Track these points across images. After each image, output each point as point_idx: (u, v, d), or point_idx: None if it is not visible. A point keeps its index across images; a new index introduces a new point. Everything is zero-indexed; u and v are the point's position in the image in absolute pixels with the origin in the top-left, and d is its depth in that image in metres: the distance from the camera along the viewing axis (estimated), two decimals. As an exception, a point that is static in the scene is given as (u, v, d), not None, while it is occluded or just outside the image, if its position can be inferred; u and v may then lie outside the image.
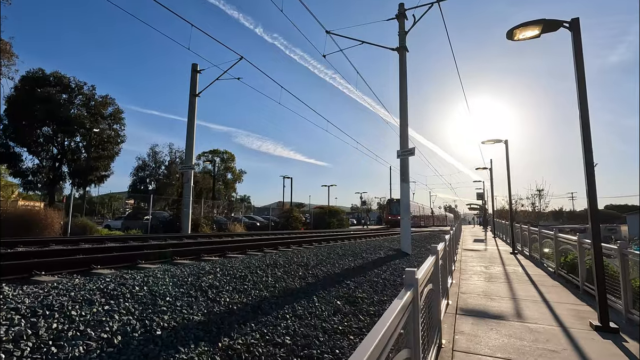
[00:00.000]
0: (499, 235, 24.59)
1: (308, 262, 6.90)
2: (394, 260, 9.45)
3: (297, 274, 5.83)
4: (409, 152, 11.44)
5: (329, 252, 8.70)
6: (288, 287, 5.05)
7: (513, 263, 11.33)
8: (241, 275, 5.12)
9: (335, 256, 8.22)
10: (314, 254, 8.03)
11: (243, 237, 15.16)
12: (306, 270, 6.23)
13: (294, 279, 5.46)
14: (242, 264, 5.91)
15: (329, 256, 8.04)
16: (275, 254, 7.44)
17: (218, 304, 3.90)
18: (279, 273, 5.62)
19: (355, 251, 9.60)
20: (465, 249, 15.47)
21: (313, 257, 7.56)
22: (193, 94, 18.09)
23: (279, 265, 6.19)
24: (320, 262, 7.13)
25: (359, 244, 12.12)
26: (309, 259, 7.21)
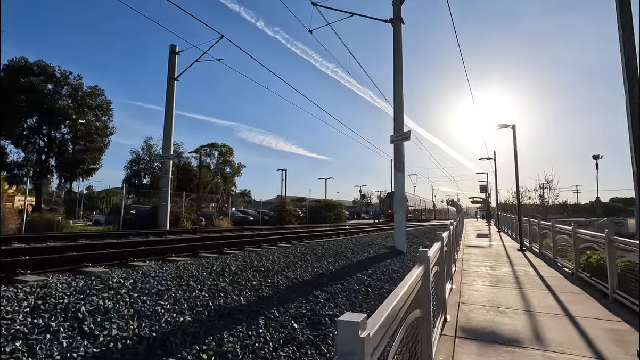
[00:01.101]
0: (503, 230, 23.22)
1: (272, 266, 5.57)
2: (384, 260, 8.12)
3: (250, 284, 4.51)
4: (404, 137, 10.06)
5: (306, 251, 7.37)
6: (226, 305, 3.73)
7: (522, 262, 9.99)
8: (162, 290, 3.79)
9: (312, 257, 6.89)
10: (285, 255, 6.70)
11: (222, 233, 13.96)
12: (264, 278, 4.91)
13: (240, 293, 4.14)
14: (177, 271, 4.60)
15: (303, 257, 6.71)
16: (233, 256, 6.13)
17: (91, 343, 2.54)
18: (222, 284, 4.29)
19: (340, 250, 8.28)
20: (467, 245, 14.14)
21: (281, 260, 6.23)
22: (171, 77, 16.70)
23: (229, 272, 4.86)
24: (289, 266, 5.80)
25: (348, 240, 10.81)
26: (274, 263, 5.88)
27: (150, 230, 13.95)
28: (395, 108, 10.48)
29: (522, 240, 12.77)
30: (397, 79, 10.27)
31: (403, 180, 10.21)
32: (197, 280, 4.31)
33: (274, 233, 13.23)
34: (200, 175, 60.71)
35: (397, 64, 10.28)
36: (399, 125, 10.32)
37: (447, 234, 6.10)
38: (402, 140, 10.16)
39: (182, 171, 57.71)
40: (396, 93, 10.32)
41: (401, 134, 10.18)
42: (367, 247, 9.40)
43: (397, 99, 10.40)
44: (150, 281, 4.13)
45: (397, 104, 10.37)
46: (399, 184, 10.21)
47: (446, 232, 5.98)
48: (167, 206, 16.02)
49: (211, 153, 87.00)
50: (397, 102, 10.40)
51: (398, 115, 10.32)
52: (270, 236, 11.31)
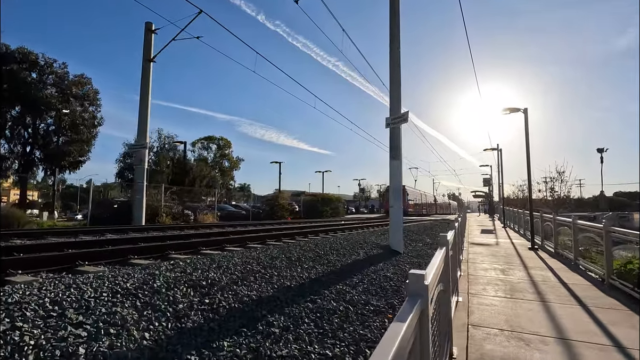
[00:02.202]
0: (509, 225, 21.86)
1: (220, 278, 4.22)
2: (376, 263, 6.78)
3: (173, 308, 3.19)
4: (401, 119, 8.65)
5: (278, 254, 6.03)
6: (111, 351, 2.38)
7: (537, 264, 8.64)
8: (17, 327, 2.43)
9: (283, 262, 5.54)
10: (247, 261, 5.33)
11: (197, 230, 12.70)
12: (201, 298, 3.56)
13: (149, 325, 2.81)
14: (78, 290, 3.26)
15: (271, 263, 5.35)
16: (174, 264, 4.76)
17: None
18: (124, 312, 2.96)
19: (323, 251, 6.93)
20: (472, 243, 12.80)
21: (238, 268, 4.88)
22: (147, 59, 15.25)
23: (148, 290, 3.51)
24: (245, 278, 4.45)
25: (336, 238, 9.47)
26: (226, 272, 4.51)
27: (118, 226, 12.63)
28: (391, 84, 9.04)
29: (533, 238, 11.41)
30: (393, 48, 8.82)
31: (400, 169, 8.82)
32: (84, 308, 2.96)
33: (251, 230, 11.96)
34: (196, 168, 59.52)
35: (394, 29, 8.81)
36: (396, 105, 8.91)
37: (453, 234, 4.74)
38: (398, 123, 8.75)
39: (177, 165, 56.51)
40: (392, 67, 8.89)
41: (398, 115, 8.77)
42: (357, 247, 8.06)
43: (393, 74, 8.97)
44: (39, 304, 2.82)
45: (393, 79, 8.94)
46: (395, 174, 8.83)
47: (451, 232, 4.63)
48: (142, 199, 14.69)
49: (208, 146, 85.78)
50: (393, 78, 8.97)
51: (395, 93, 8.89)
52: (245, 234, 10.03)
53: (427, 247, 11.16)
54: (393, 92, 9.04)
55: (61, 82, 31.30)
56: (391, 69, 9.16)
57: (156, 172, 52.87)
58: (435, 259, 2.74)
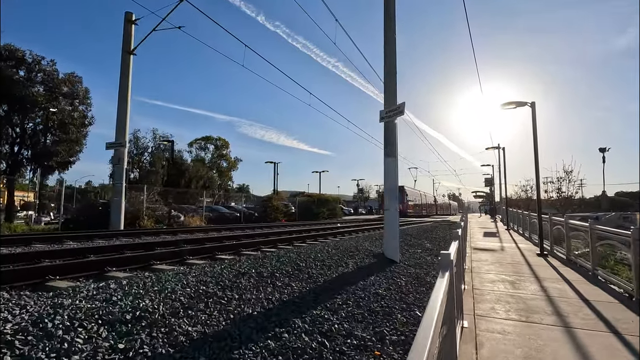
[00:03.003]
0: (513, 227, 20.90)
1: (154, 308, 3.22)
2: (366, 277, 5.84)
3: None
4: (396, 112, 7.73)
5: (248, 269, 5.06)
6: None
7: (550, 274, 7.70)
8: None
9: (249, 280, 4.54)
10: (201, 281, 4.31)
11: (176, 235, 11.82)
12: (113, 341, 2.64)
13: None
14: None
15: (234, 283, 4.37)
16: (104, 287, 3.77)
17: None
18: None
19: (305, 262, 5.98)
20: (475, 248, 11.85)
21: (187, 292, 3.89)
22: (126, 51, 14.32)
23: (40, 334, 2.57)
24: (192, 306, 3.47)
25: (324, 245, 8.54)
26: (166, 299, 3.53)
27: (86, 231, 11.65)
28: (386, 74, 8.12)
29: (542, 243, 10.47)
30: (388, 34, 7.89)
31: (395, 167, 7.89)
32: None
33: (232, 237, 11.04)
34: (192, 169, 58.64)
35: (390, 9, 7.85)
36: (391, 97, 7.98)
37: (456, 248, 3.80)
38: (394, 116, 7.81)
39: (173, 165, 55.66)
40: (387, 54, 7.96)
41: (393, 108, 7.84)
42: (347, 256, 7.13)
43: (388, 63, 8.04)
44: None
45: (388, 69, 8.02)
46: (390, 173, 7.90)
47: (454, 246, 3.69)
48: (120, 202, 13.75)
49: (206, 147, 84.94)
50: (388, 67, 8.05)
51: (389, 84, 7.97)
52: (220, 242, 9.11)
53: (427, 253, 10.23)
54: (388, 82, 8.12)
55: (50, 80, 30.39)
56: (386, 57, 8.23)
57: (151, 173, 52.01)
58: (435, 301, 1.80)
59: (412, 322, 4.37)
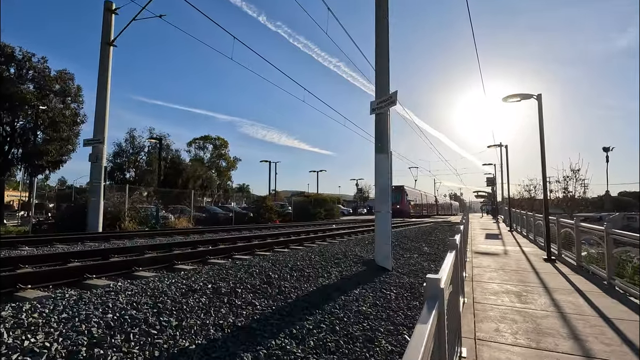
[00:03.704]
0: (516, 229, 20.05)
1: (50, 348, 2.45)
2: (349, 290, 5.04)
3: None
4: (388, 102, 6.93)
5: (200, 285, 4.24)
6: None
7: (560, 283, 6.89)
8: None
9: (199, 300, 3.70)
10: (135, 303, 3.52)
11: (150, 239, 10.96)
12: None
13: None
14: None
15: (178, 304, 3.57)
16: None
17: None
18: None
19: (280, 273, 5.19)
20: (476, 252, 11.04)
21: (107, 319, 3.09)
22: (106, 42, 13.56)
23: None
24: (102, 340, 2.68)
25: (308, 252, 7.73)
26: (73, 333, 2.72)
27: (55, 235, 10.79)
28: (377, 62, 7.30)
29: (549, 247, 9.65)
30: (379, 17, 7.08)
31: (388, 165, 7.09)
32: None
33: (208, 241, 10.23)
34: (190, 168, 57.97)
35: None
36: (383, 86, 7.18)
37: (452, 262, 3.00)
38: (386, 107, 7.01)
39: (170, 165, 55.00)
40: (379, 40, 7.16)
41: (384, 98, 7.04)
42: (332, 264, 6.34)
43: (380, 49, 7.24)
44: None
45: (380, 56, 7.22)
46: (382, 170, 7.10)
47: (449, 260, 2.91)
48: (98, 202, 12.98)
49: (204, 146, 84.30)
50: (380, 54, 7.24)
51: (381, 73, 7.16)
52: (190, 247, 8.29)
53: (424, 258, 9.43)
54: (380, 71, 7.32)
55: (40, 77, 29.71)
56: (377, 43, 7.43)
57: (147, 173, 51.33)
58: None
59: (399, 350, 3.57)
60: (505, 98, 10.23)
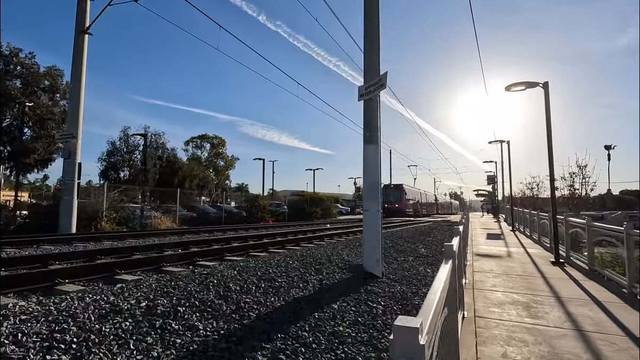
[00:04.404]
0: (518, 229, 19.22)
1: None
2: (326, 305, 4.22)
3: None
4: (377, 85, 6.10)
5: (131, 305, 3.40)
6: None
7: (573, 292, 6.07)
8: None
9: (121, 326, 2.96)
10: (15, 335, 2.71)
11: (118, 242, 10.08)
12: None
13: None
14: None
15: (88, 333, 2.79)
16: None
17: None
18: None
19: (243, 285, 4.36)
20: (477, 254, 10.22)
21: None
22: (80, 30, 12.72)
23: None
24: None
25: (287, 256, 6.88)
26: None
27: (13, 237, 9.86)
28: (365, 42, 6.46)
29: (557, 249, 8.82)
30: None
31: (377, 157, 6.26)
32: None
33: (182, 243, 9.37)
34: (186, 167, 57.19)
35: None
36: (372, 66, 6.35)
37: (444, 284, 2.15)
38: (375, 91, 6.18)
39: (166, 164, 54.19)
40: (368, 17, 6.31)
41: (373, 82, 6.21)
42: (312, 271, 5.53)
43: (369, 28, 6.40)
44: None
45: (368, 37, 6.37)
46: (371, 163, 6.28)
47: (443, 278, 2.06)
48: (71, 201, 12.15)
49: (202, 145, 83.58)
50: (368, 34, 6.40)
51: (371, 54, 6.32)
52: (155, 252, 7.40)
53: (420, 261, 8.61)
54: (369, 49, 6.48)
55: (28, 73, 28.91)
56: (366, 14, 6.59)
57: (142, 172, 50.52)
58: None
59: (379, 391, 2.75)
60: (508, 87, 9.41)
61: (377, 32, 6.54)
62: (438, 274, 2.15)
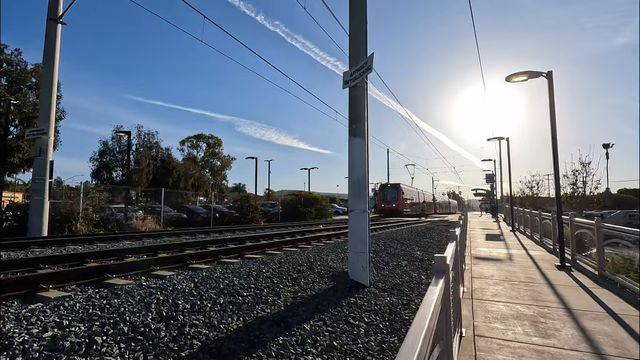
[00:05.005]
0: (518, 229, 18.56)
1: None
2: (294, 326, 3.52)
3: None
4: (364, 69, 5.41)
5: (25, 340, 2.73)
6: None
7: (585, 303, 5.38)
8: None
9: None
10: None
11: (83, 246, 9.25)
12: None
13: None
14: None
15: None
16: None
17: None
18: None
19: (192, 305, 3.64)
20: (476, 257, 9.54)
21: None
22: (52, 18, 11.95)
23: None
24: None
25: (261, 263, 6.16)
26: None
27: None
28: (351, 9, 5.76)
29: (563, 252, 8.14)
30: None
31: (364, 151, 5.56)
32: None
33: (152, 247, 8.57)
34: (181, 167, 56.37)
35: None
36: (358, 51, 5.65)
37: (433, 309, 1.43)
38: (361, 77, 5.49)
39: (160, 164, 53.37)
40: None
41: (359, 66, 5.51)
42: (287, 281, 4.83)
43: (354, 5, 5.70)
44: None
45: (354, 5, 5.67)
46: (357, 159, 5.58)
47: (432, 302, 1.31)
48: (42, 202, 11.39)
49: (198, 145, 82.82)
50: (354, 11, 5.70)
51: (356, 28, 5.62)
52: (114, 259, 6.73)
53: (415, 267, 7.92)
54: (354, 31, 5.79)
55: (13, 70, 28.10)
56: None
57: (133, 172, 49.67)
58: None
59: None
60: (509, 77, 8.73)
61: (363, 12, 5.84)
62: (423, 304, 1.45)
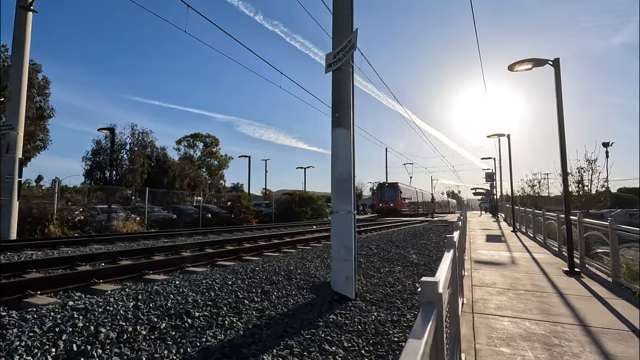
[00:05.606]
0: (519, 229, 17.87)
1: None
2: (251, 358, 2.78)
3: None
4: (347, 49, 4.69)
5: None
6: None
7: (603, 317, 4.68)
8: None
9: None
10: None
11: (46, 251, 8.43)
12: None
13: None
14: None
15: None
16: None
17: None
18: None
19: (118, 335, 2.95)
20: (477, 261, 8.83)
21: None
22: (21, 5, 11.18)
23: None
24: None
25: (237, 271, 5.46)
26: None
27: None
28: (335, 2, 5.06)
29: (572, 256, 7.43)
30: None
31: (348, 143, 4.86)
32: None
33: (114, 253, 7.85)
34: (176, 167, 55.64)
35: None
36: (342, 30, 4.94)
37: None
38: (345, 58, 4.78)
39: (155, 163, 52.61)
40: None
41: (341, 46, 4.80)
42: (257, 294, 4.12)
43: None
44: None
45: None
46: (342, 153, 4.87)
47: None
48: (10, 202, 10.60)
49: (194, 144, 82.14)
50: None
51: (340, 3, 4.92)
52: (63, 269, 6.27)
53: (409, 272, 7.21)
54: (338, 6, 5.07)
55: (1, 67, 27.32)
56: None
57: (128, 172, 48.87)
58: None
59: None
60: (512, 65, 8.04)
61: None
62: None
